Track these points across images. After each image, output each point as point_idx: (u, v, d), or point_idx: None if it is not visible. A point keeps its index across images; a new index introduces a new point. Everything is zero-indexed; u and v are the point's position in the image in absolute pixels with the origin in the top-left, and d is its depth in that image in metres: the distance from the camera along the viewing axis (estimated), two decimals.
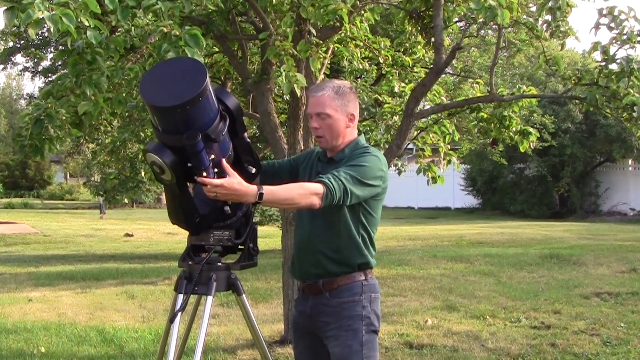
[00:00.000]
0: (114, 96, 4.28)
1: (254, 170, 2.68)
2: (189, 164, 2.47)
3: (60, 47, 10.55)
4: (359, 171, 2.60)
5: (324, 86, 2.75)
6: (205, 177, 2.42)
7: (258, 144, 9.40)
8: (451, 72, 11.76)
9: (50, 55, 14.95)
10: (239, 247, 2.74)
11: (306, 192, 2.51)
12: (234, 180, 2.43)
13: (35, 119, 4.08)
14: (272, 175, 2.89)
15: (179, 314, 2.61)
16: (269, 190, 2.47)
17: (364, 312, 2.69)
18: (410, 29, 5.69)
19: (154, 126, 2.53)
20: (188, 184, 2.61)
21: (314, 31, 4.49)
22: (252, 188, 2.44)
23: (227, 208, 2.63)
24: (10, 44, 14.57)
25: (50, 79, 14.69)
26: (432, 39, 5.10)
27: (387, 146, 5.65)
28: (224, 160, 2.47)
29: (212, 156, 2.46)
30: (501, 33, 5.43)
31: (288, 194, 2.53)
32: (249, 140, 2.71)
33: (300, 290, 2.90)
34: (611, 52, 4.80)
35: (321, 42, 4.64)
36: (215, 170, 2.46)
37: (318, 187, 2.51)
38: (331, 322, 2.69)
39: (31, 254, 12.76)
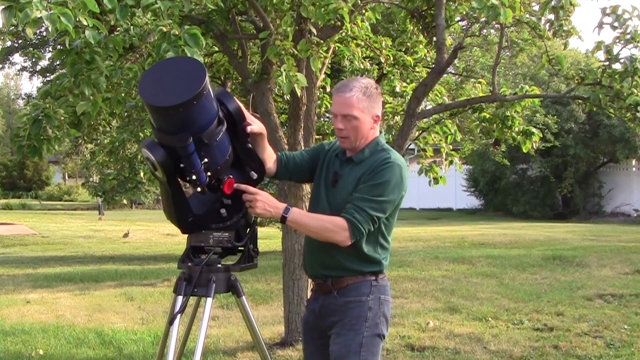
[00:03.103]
0: (112, 96, 4.24)
1: (255, 176, 2.67)
2: (182, 165, 2.44)
3: (59, 46, 10.52)
4: (380, 191, 2.58)
5: (352, 86, 2.64)
6: (239, 183, 2.53)
7: None
8: (453, 71, 11.71)
9: (49, 55, 14.91)
10: (239, 248, 2.70)
11: (334, 229, 2.55)
12: (265, 194, 2.52)
13: (34, 119, 4.05)
14: (293, 170, 2.85)
15: (179, 315, 2.59)
16: (296, 213, 2.56)
17: (370, 313, 2.63)
18: (411, 28, 5.67)
19: (152, 124, 2.51)
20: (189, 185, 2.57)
21: (314, 30, 4.45)
22: (282, 206, 2.53)
23: (224, 210, 2.62)
24: (8, 43, 14.52)
25: (48, 78, 14.64)
26: (434, 39, 5.07)
27: None
28: (233, 182, 2.54)
29: (205, 160, 2.44)
30: (504, 32, 5.40)
31: (314, 224, 2.59)
32: (250, 146, 2.67)
33: (312, 290, 2.86)
34: (615, 52, 4.78)
35: (322, 41, 4.61)
36: (208, 174, 2.46)
37: (345, 225, 2.53)
38: (337, 321, 2.66)
39: (29, 255, 12.72)
